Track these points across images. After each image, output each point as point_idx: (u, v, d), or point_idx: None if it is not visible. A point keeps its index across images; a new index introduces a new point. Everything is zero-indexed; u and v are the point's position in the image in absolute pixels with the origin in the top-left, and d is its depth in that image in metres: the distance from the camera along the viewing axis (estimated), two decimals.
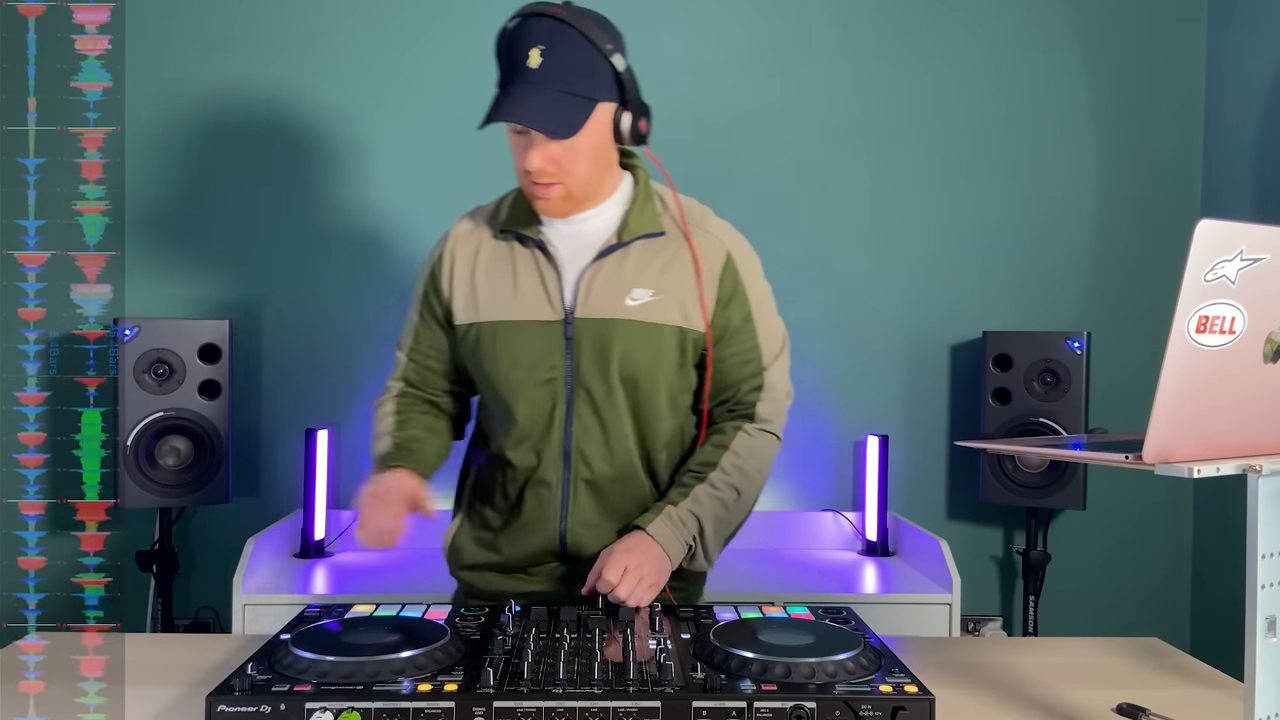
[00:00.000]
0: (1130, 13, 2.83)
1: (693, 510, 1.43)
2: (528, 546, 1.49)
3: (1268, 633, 0.95)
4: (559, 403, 1.43)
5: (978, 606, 2.84)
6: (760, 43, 2.79)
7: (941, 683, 1.19)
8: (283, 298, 2.75)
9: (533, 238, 1.45)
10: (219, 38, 2.71)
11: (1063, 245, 2.84)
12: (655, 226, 1.45)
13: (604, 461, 1.45)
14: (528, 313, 1.43)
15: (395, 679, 1.08)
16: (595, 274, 1.42)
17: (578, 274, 1.43)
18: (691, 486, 1.45)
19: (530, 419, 1.44)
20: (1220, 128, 2.79)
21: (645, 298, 1.42)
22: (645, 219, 1.45)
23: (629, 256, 1.44)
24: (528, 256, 1.45)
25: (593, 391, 1.43)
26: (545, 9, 1.33)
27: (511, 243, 1.47)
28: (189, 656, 1.37)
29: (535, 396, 1.43)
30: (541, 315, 1.42)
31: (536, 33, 1.32)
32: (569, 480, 1.45)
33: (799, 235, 2.81)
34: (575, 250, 1.44)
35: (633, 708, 1.04)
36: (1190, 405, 0.96)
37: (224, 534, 2.69)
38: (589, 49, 1.33)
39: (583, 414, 1.44)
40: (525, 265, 1.45)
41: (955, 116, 2.82)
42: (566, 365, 1.42)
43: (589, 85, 1.34)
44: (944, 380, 2.85)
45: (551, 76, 1.31)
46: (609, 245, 1.43)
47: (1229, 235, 0.92)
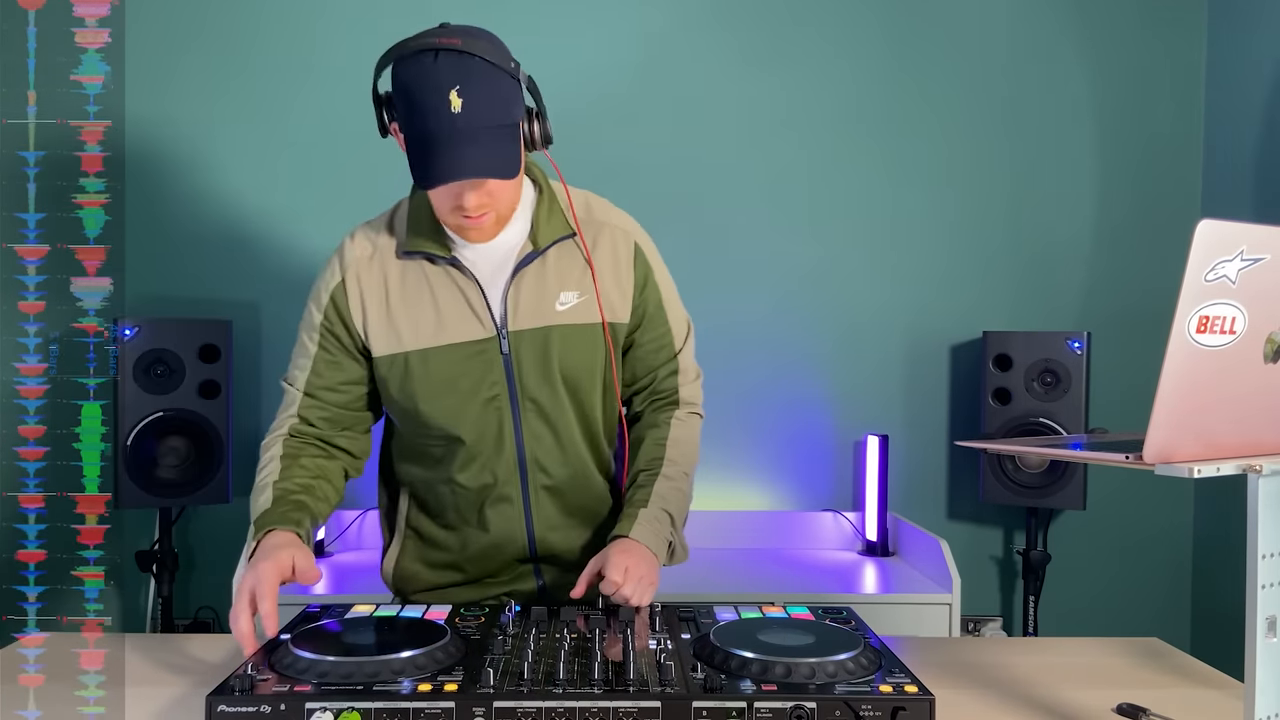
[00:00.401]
0: (1130, 13, 2.83)
1: (662, 507, 1.45)
2: (497, 559, 1.49)
3: (1268, 633, 0.95)
4: (506, 418, 1.41)
5: (978, 607, 2.84)
6: (760, 42, 2.79)
7: (941, 683, 1.19)
8: (283, 298, 2.75)
9: (443, 256, 1.39)
10: (220, 36, 2.71)
11: (1063, 245, 2.84)
12: (565, 229, 1.42)
13: (559, 465, 1.46)
14: (457, 334, 1.38)
15: (395, 679, 1.07)
16: (519, 284, 1.39)
17: (502, 288, 1.39)
18: (650, 485, 1.46)
19: (478, 440, 1.42)
20: (1220, 128, 2.79)
21: (573, 300, 1.41)
22: (555, 223, 1.42)
23: (547, 262, 1.41)
24: (443, 276, 1.39)
25: (538, 400, 1.42)
26: (441, 44, 1.24)
27: (420, 262, 1.40)
28: (189, 656, 1.37)
29: (480, 417, 1.41)
30: (472, 335, 1.38)
31: (446, 74, 1.22)
32: (528, 490, 1.45)
33: (799, 235, 2.81)
34: (493, 264, 1.40)
35: (633, 708, 1.04)
36: (1190, 405, 0.95)
37: (224, 534, 2.69)
38: (499, 74, 1.26)
39: (532, 424, 1.42)
40: (443, 285, 1.39)
41: (955, 116, 2.82)
42: (507, 380, 1.40)
43: (509, 112, 1.28)
44: (944, 380, 2.85)
45: (477, 116, 1.23)
46: (527, 254, 1.39)
47: (1229, 235, 0.92)
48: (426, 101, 1.23)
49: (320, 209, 2.75)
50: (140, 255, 2.69)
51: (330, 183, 2.75)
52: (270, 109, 2.72)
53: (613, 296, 1.44)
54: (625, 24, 2.77)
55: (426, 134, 1.24)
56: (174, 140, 2.71)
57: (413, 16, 2.72)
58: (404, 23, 2.70)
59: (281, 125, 2.73)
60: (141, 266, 2.69)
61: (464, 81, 1.22)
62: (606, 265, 1.43)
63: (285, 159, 2.74)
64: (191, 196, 2.72)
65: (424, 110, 1.24)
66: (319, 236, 2.75)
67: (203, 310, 2.66)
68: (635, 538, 1.40)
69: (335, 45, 2.73)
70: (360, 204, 2.73)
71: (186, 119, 2.71)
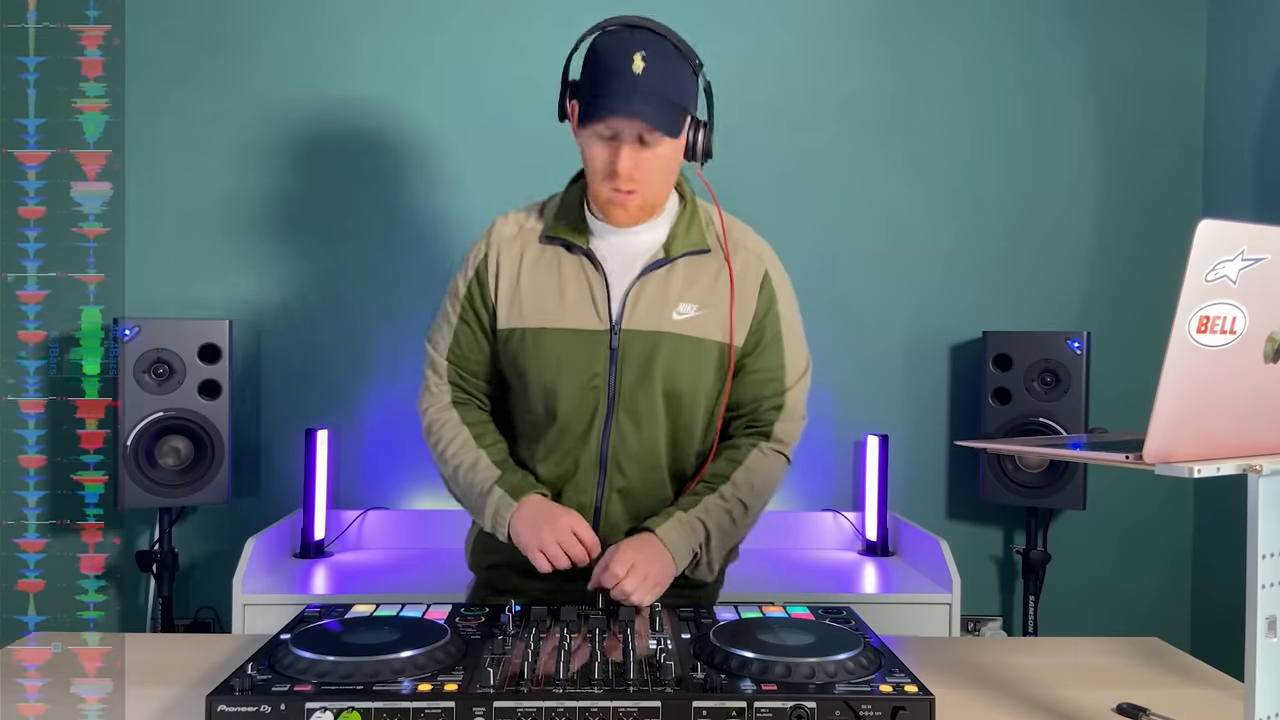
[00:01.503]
0: (1130, 13, 2.83)
1: (701, 518, 1.44)
2: None
3: (1268, 633, 0.95)
4: (599, 411, 1.44)
5: (978, 606, 2.84)
6: (760, 41, 2.79)
7: (941, 683, 1.19)
8: (283, 298, 2.75)
9: (580, 246, 1.46)
10: (220, 36, 2.71)
11: (1063, 245, 2.84)
12: (701, 244, 1.47)
13: (637, 469, 1.47)
14: (574, 321, 1.44)
15: (395, 679, 1.08)
16: (643, 287, 1.44)
17: (625, 286, 1.44)
18: (702, 495, 1.46)
19: (570, 420, 1.45)
20: (1220, 128, 2.79)
21: (691, 312, 1.44)
22: (692, 236, 1.47)
23: (675, 271, 1.46)
24: (574, 264, 1.46)
25: (634, 402, 1.44)
26: (639, 21, 1.38)
27: (558, 249, 1.48)
28: (189, 656, 1.37)
29: (576, 402, 1.44)
30: (587, 324, 1.44)
31: (638, 41, 1.35)
32: (604, 487, 1.47)
33: (799, 235, 2.80)
34: (623, 262, 1.46)
35: (633, 708, 1.04)
36: (1190, 405, 0.95)
37: (224, 534, 2.69)
38: (682, 62, 1.38)
39: (621, 423, 1.45)
40: (572, 273, 1.46)
41: (955, 116, 2.82)
42: (610, 375, 1.44)
43: (683, 95, 1.38)
44: (944, 380, 2.85)
45: (655, 82, 1.34)
46: (656, 260, 1.45)
47: (1230, 235, 0.92)
48: (613, 62, 1.34)
49: (321, 209, 2.75)
50: (140, 255, 2.69)
51: (331, 182, 2.75)
52: (273, 107, 2.72)
53: (736, 321, 1.47)
54: None
55: (607, 84, 1.34)
56: (175, 139, 2.70)
57: (413, 18, 2.74)
58: (408, 20, 2.72)
59: (285, 124, 2.73)
60: (142, 266, 2.69)
61: (648, 49, 1.34)
62: (736, 286, 1.47)
63: (288, 158, 2.74)
64: (192, 196, 2.72)
65: (609, 69, 1.34)
66: (320, 237, 2.76)
67: (203, 310, 2.66)
68: (660, 535, 1.40)
69: (342, 43, 2.73)
70: (361, 203, 2.75)
71: (187, 118, 2.71)
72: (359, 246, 2.75)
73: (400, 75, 2.73)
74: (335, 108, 2.74)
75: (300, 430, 2.66)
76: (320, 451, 2.63)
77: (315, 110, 2.73)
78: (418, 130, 2.74)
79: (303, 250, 2.75)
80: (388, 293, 2.73)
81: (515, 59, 2.73)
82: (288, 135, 2.73)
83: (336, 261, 2.75)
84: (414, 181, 2.76)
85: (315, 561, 2.58)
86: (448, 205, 2.73)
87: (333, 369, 2.74)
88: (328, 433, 2.66)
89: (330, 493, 2.67)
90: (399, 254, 2.72)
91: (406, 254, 2.71)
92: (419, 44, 2.73)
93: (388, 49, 2.73)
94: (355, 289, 2.74)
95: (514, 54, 2.73)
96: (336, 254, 2.75)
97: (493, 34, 2.74)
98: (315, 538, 2.61)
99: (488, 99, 2.73)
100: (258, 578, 2.32)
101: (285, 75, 2.72)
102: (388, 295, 2.73)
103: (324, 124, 2.74)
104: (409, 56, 2.73)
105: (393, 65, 2.73)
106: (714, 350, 1.46)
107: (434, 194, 2.73)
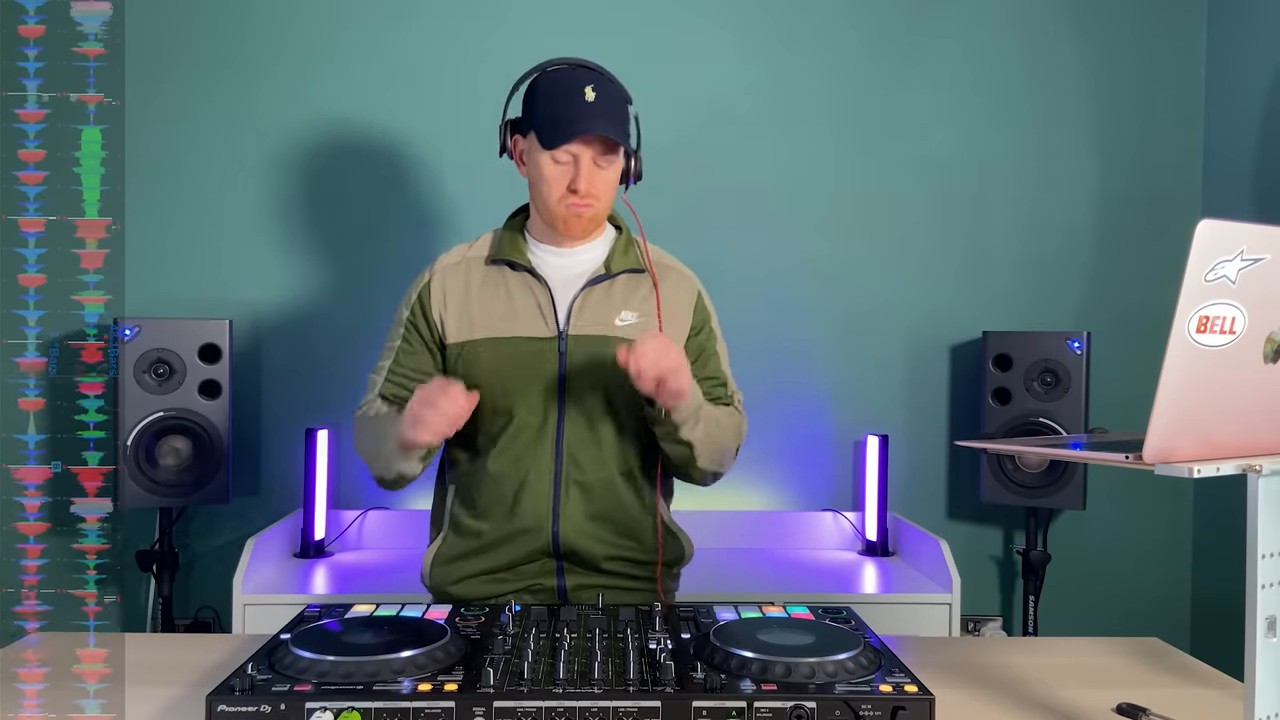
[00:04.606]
0: (1130, 13, 2.83)
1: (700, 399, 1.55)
2: (524, 548, 1.56)
3: (1268, 633, 0.95)
4: (552, 410, 1.56)
5: (978, 606, 2.84)
6: (760, 39, 2.79)
7: (941, 683, 1.19)
8: (283, 298, 2.75)
9: (524, 265, 1.59)
10: (221, 38, 2.71)
11: (1063, 245, 2.84)
12: (637, 264, 1.63)
13: (595, 465, 1.57)
14: (523, 329, 1.56)
15: (395, 679, 1.08)
16: (586, 298, 1.58)
17: (570, 297, 1.58)
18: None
19: (524, 424, 1.56)
20: (1220, 128, 2.79)
21: (632, 319, 1.58)
22: (630, 258, 1.63)
23: (615, 285, 1.61)
24: (520, 280, 1.60)
25: (583, 401, 1.56)
26: (579, 61, 1.56)
27: (502, 268, 1.61)
28: (189, 656, 1.37)
29: (530, 404, 1.56)
30: (537, 332, 1.56)
31: (583, 77, 1.53)
32: (560, 481, 1.55)
33: (799, 235, 2.81)
34: (566, 279, 1.60)
35: (633, 708, 1.04)
36: (1190, 405, 0.96)
37: (224, 534, 2.69)
38: (619, 94, 1.56)
39: (575, 421, 1.56)
40: (518, 287, 1.59)
41: (955, 116, 2.82)
42: (559, 377, 1.55)
43: (625, 125, 1.56)
44: (944, 380, 2.85)
45: (604, 110, 1.51)
46: (598, 275, 1.60)
47: (1229, 235, 0.92)
48: (569, 94, 1.51)
49: (322, 209, 2.75)
50: (140, 255, 2.69)
51: (332, 183, 2.75)
52: (274, 108, 2.72)
53: (671, 328, 1.61)
54: (624, 14, 2.77)
55: (568, 112, 1.50)
56: (175, 139, 2.70)
57: (414, 19, 2.74)
58: (408, 29, 2.72)
59: (286, 126, 2.73)
60: (141, 266, 2.69)
61: (597, 84, 1.52)
62: (669, 300, 1.62)
63: (289, 159, 2.74)
64: (192, 196, 2.72)
65: (566, 99, 1.51)
66: (320, 237, 2.76)
67: (203, 310, 2.66)
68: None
69: (343, 48, 2.73)
70: (361, 204, 2.75)
71: (188, 117, 2.71)
72: (359, 246, 2.75)
73: (403, 79, 2.73)
74: (336, 110, 2.74)
75: (300, 430, 2.66)
76: (320, 451, 2.63)
77: (316, 112, 2.73)
78: (418, 131, 2.75)
79: (303, 250, 2.75)
80: (388, 293, 2.71)
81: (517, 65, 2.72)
82: (289, 137, 2.73)
83: (337, 262, 2.75)
84: (415, 182, 2.76)
85: (315, 561, 2.58)
86: (448, 206, 2.73)
87: (333, 369, 2.74)
88: (328, 433, 2.66)
89: (330, 493, 2.67)
90: (399, 254, 2.72)
91: (407, 254, 2.71)
92: (423, 50, 2.73)
93: (391, 53, 2.73)
94: (355, 289, 2.74)
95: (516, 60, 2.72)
96: (337, 254, 2.75)
97: (496, 40, 2.74)
98: (315, 538, 2.61)
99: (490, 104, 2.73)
100: (258, 578, 2.32)
101: (287, 79, 2.72)
102: (388, 295, 2.71)
103: (325, 126, 2.74)
104: (412, 61, 2.73)
105: (395, 68, 2.73)
106: None
107: (434, 194, 2.73)
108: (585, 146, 1.51)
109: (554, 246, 1.62)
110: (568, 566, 1.57)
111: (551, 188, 1.54)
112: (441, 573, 1.62)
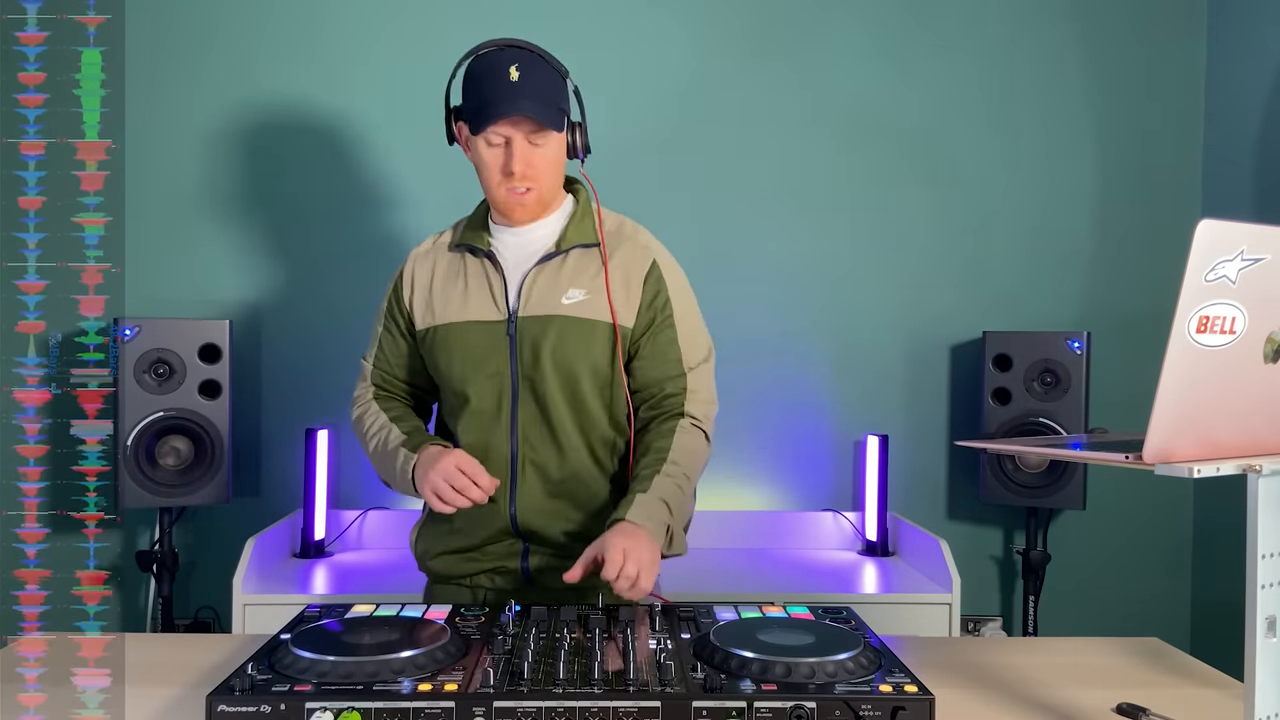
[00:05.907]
0: (1130, 14, 2.83)
1: (660, 497, 1.49)
2: (488, 527, 1.59)
3: (1268, 633, 0.95)
4: (505, 392, 1.57)
5: (978, 606, 2.84)
6: (760, 40, 2.79)
7: (941, 683, 1.19)
8: (283, 298, 2.75)
9: (482, 248, 1.61)
10: (221, 38, 2.71)
11: (1063, 246, 2.84)
12: (591, 238, 1.60)
13: (549, 445, 1.58)
14: (475, 314, 1.59)
15: (395, 679, 1.08)
16: (536, 277, 1.58)
17: (520, 278, 1.58)
18: (650, 477, 1.52)
19: (480, 407, 1.58)
20: (1220, 128, 2.79)
21: (579, 296, 1.57)
22: (582, 230, 1.61)
23: (566, 262, 1.59)
24: (477, 265, 1.62)
25: (534, 382, 1.56)
26: (507, 41, 1.55)
27: (464, 254, 1.64)
28: (189, 656, 1.37)
29: (485, 388, 1.58)
30: (488, 316, 1.58)
31: (508, 57, 1.51)
32: (518, 460, 1.57)
33: (799, 235, 2.81)
34: (520, 258, 1.60)
35: (633, 708, 1.04)
36: (1190, 405, 0.95)
37: (224, 534, 2.69)
38: (552, 70, 1.55)
39: (527, 402, 1.57)
40: (475, 273, 1.61)
41: (954, 115, 2.82)
42: (510, 359, 1.57)
43: (558, 97, 1.55)
44: (944, 380, 2.85)
45: (530, 87, 1.50)
46: (548, 252, 1.59)
47: (1229, 235, 0.92)
48: (492, 76, 1.51)
49: (322, 209, 2.75)
50: (141, 255, 2.69)
51: (332, 182, 2.75)
52: (272, 107, 2.72)
53: (620, 301, 1.57)
54: (622, 17, 2.77)
55: (488, 95, 1.50)
56: (174, 138, 2.70)
57: (414, 18, 2.74)
58: (406, 19, 2.72)
59: (284, 123, 2.73)
60: (142, 266, 2.69)
61: (521, 62, 1.51)
62: (618, 273, 1.58)
63: (288, 158, 2.74)
64: (192, 196, 2.72)
65: (489, 82, 1.51)
66: (320, 236, 2.76)
67: (203, 310, 2.66)
68: (633, 519, 1.44)
69: (339, 43, 2.73)
70: (362, 203, 2.75)
71: (187, 117, 2.71)
72: (359, 247, 2.75)
73: (405, 80, 2.73)
74: (338, 110, 2.74)
75: (300, 430, 2.66)
76: (320, 451, 2.63)
77: (317, 112, 2.73)
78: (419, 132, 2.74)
79: (303, 250, 2.75)
80: None
81: None
82: (289, 137, 2.73)
83: (337, 262, 2.75)
84: (415, 183, 2.76)
85: (315, 561, 2.58)
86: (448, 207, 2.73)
87: (333, 369, 2.73)
88: (328, 433, 2.66)
89: (330, 493, 2.67)
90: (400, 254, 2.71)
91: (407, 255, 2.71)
92: (423, 49, 2.73)
93: (392, 53, 2.73)
94: (355, 289, 2.74)
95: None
96: (337, 254, 2.75)
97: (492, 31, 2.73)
98: (315, 538, 2.61)
99: None
100: (258, 578, 2.32)
101: (290, 76, 2.72)
102: None
103: (326, 127, 2.74)
104: (414, 62, 2.73)
105: (396, 69, 2.73)
106: (604, 330, 1.56)
107: (434, 195, 2.73)
108: (514, 127, 1.50)
109: (510, 226, 1.62)
110: (532, 548, 1.59)
111: (490, 171, 1.55)
112: (423, 546, 1.67)
